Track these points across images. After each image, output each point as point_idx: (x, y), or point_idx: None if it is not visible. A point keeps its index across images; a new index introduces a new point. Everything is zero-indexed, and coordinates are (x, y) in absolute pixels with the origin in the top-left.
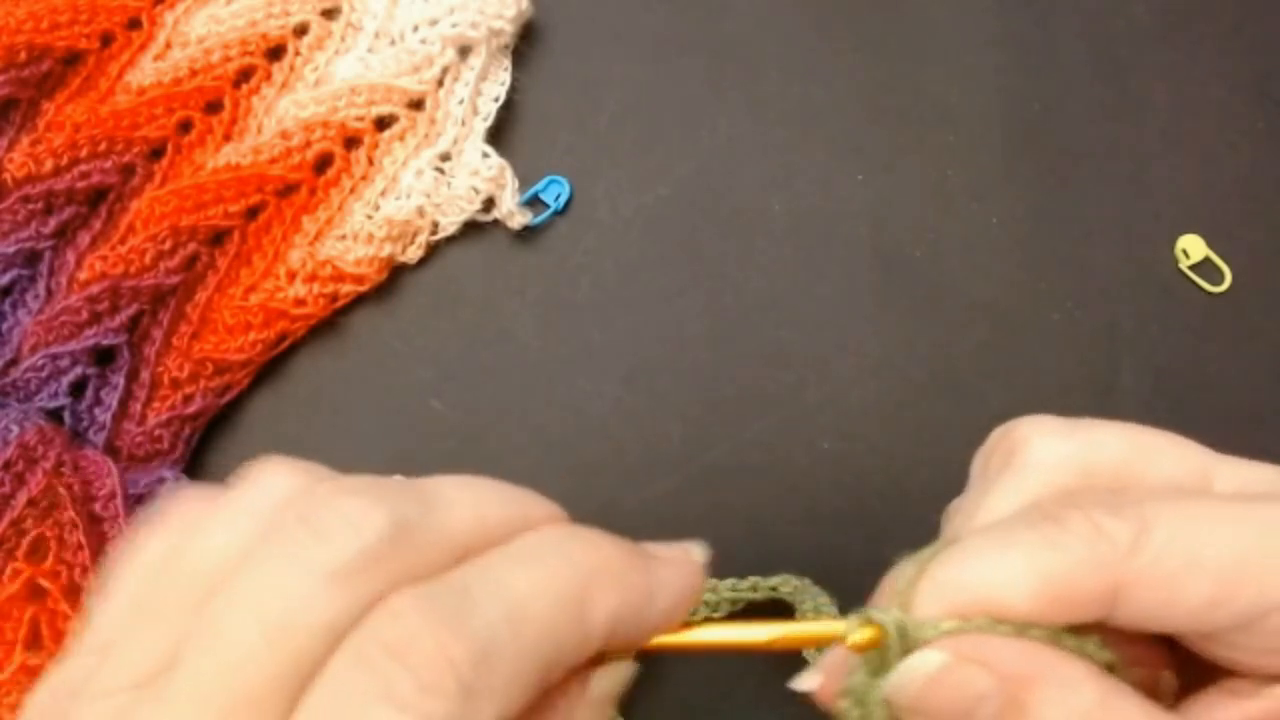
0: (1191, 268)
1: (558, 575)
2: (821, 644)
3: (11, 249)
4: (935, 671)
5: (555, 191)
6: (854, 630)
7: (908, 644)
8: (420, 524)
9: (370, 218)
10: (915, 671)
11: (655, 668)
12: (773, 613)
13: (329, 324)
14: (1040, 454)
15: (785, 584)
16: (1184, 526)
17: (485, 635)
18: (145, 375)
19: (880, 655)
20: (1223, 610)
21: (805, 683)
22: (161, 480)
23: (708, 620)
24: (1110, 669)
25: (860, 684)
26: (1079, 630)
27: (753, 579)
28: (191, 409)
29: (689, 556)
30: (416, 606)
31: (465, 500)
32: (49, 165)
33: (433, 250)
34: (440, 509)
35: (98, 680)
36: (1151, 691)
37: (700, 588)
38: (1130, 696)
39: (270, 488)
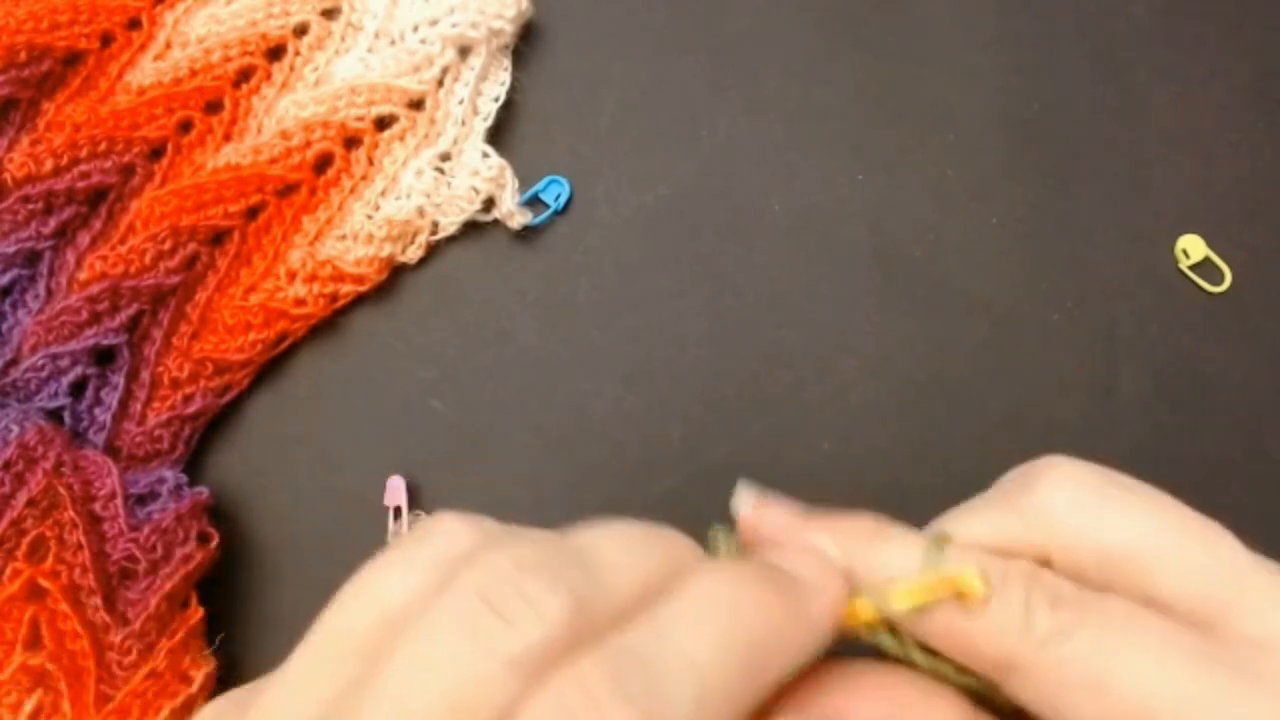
0: (1191, 268)
1: (739, 648)
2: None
3: (11, 249)
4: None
5: (555, 191)
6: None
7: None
8: (594, 598)
9: (370, 218)
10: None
11: None
12: None
13: (329, 324)
14: (1047, 507)
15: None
16: (1115, 647)
17: (674, 717)
18: (145, 375)
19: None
20: None
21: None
22: (161, 480)
23: None
24: (978, 695)
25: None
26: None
27: None
28: (191, 409)
29: (833, 576)
30: (605, 682)
31: (627, 561)
32: (49, 165)
33: (433, 250)
34: (608, 575)
35: (264, 710)
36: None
37: (844, 602)
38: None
39: (442, 542)
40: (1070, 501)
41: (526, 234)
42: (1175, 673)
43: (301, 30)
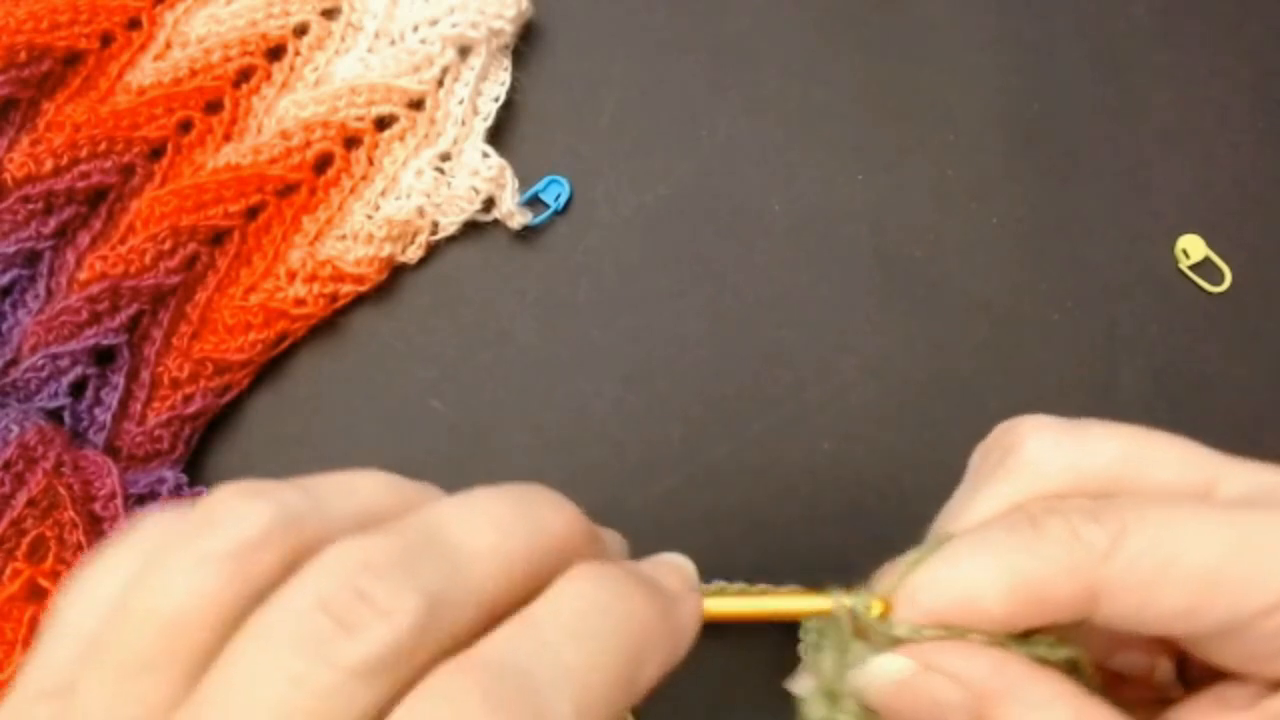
0: (1191, 268)
1: (615, 650)
2: (798, 618)
3: (11, 249)
4: (901, 677)
5: (555, 191)
6: (839, 603)
7: (878, 639)
8: (451, 595)
9: (370, 218)
10: (882, 673)
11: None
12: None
13: (329, 324)
14: (1034, 456)
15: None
16: (1162, 533)
17: None
18: (145, 375)
19: (846, 647)
20: (1199, 617)
21: (800, 686)
22: (162, 480)
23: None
24: (1073, 665)
25: (830, 675)
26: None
27: (741, 584)
28: (191, 409)
29: (692, 589)
30: (484, 697)
31: (488, 546)
32: (49, 165)
33: (433, 250)
34: (466, 567)
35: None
36: (1147, 679)
37: (701, 616)
38: (1107, 714)
39: (234, 523)
40: (1052, 442)
41: (526, 234)
42: (1219, 530)
43: (301, 30)
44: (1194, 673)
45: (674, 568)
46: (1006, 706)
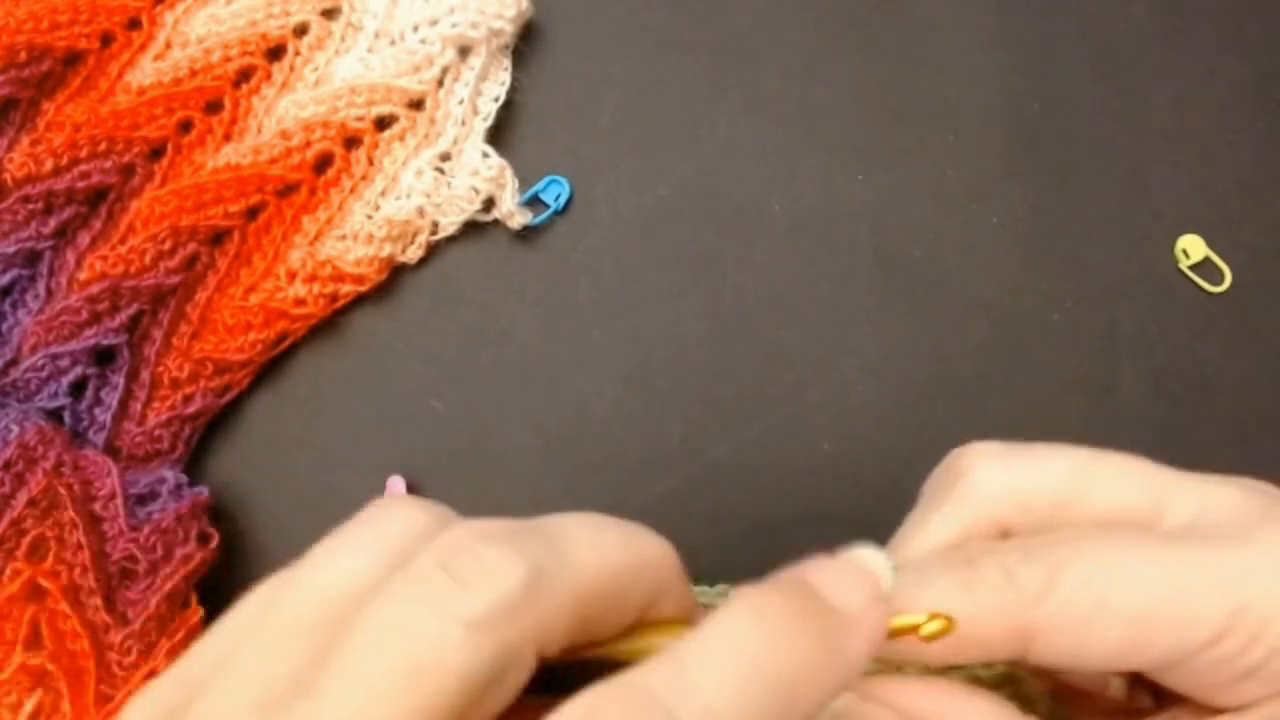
0: (1191, 268)
1: (765, 692)
2: None
3: (11, 249)
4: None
5: (555, 191)
6: None
7: None
8: (553, 571)
9: (370, 218)
10: None
11: None
12: None
13: (329, 324)
14: (980, 480)
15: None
16: (1095, 571)
17: None
18: (145, 375)
19: None
20: (1137, 655)
21: None
22: (161, 480)
23: None
24: (1010, 679)
25: None
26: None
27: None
28: (191, 409)
29: (876, 602)
30: (619, 718)
31: (589, 543)
32: (49, 165)
33: (433, 250)
34: (569, 554)
35: (217, 695)
36: (1099, 692)
37: (886, 628)
38: None
39: (394, 522)
40: (1001, 467)
41: (526, 234)
42: (1155, 565)
43: (301, 30)
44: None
45: (859, 575)
46: None
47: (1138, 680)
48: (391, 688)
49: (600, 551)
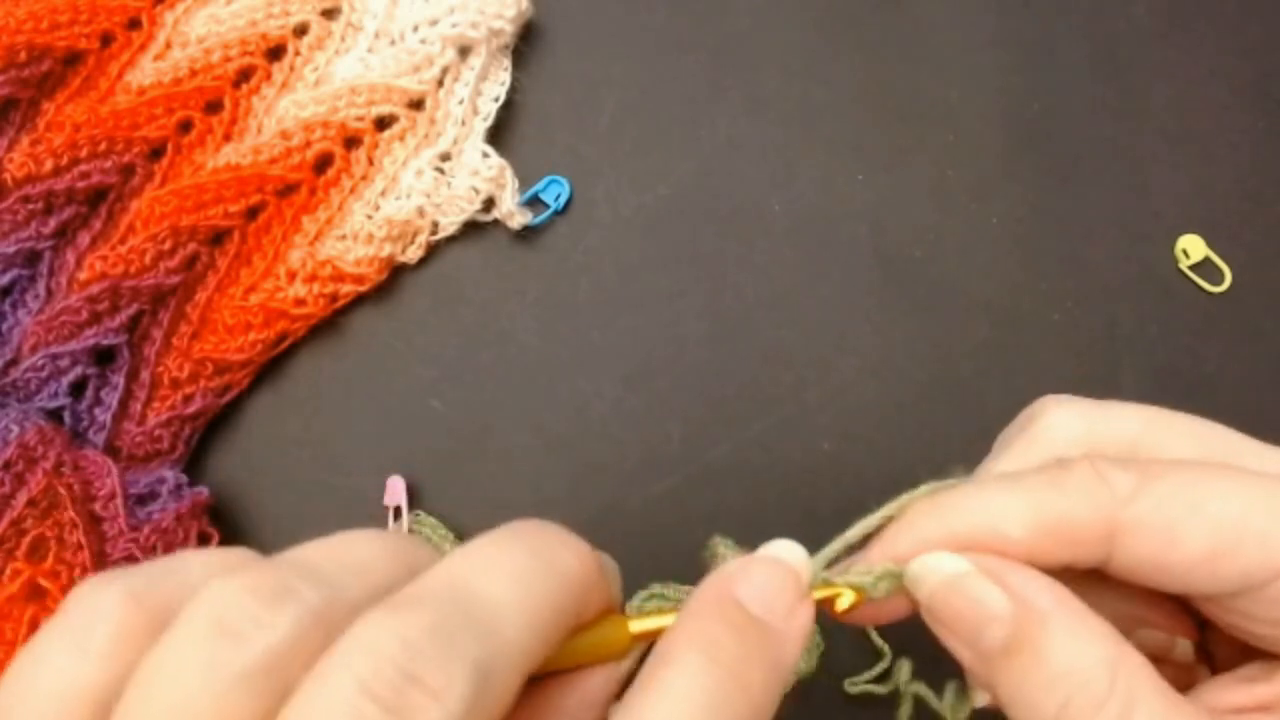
0: (1191, 268)
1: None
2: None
3: (11, 249)
4: (952, 576)
5: (555, 191)
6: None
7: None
8: (495, 661)
9: (370, 218)
10: (934, 570)
11: None
12: None
13: (329, 324)
14: (1053, 425)
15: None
16: (1188, 481)
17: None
18: (145, 375)
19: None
20: (1217, 569)
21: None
22: (161, 480)
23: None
24: None
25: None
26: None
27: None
28: (191, 409)
29: (799, 609)
30: (423, 634)
31: (514, 600)
32: (49, 165)
33: (433, 250)
34: (503, 631)
35: None
36: (1166, 657)
37: (809, 630)
38: (1143, 666)
39: (267, 634)
40: (1075, 414)
41: (526, 234)
42: (1247, 485)
43: (301, 30)
44: (1220, 655)
45: (784, 579)
46: (1048, 630)
47: (1199, 650)
48: None
49: (529, 608)
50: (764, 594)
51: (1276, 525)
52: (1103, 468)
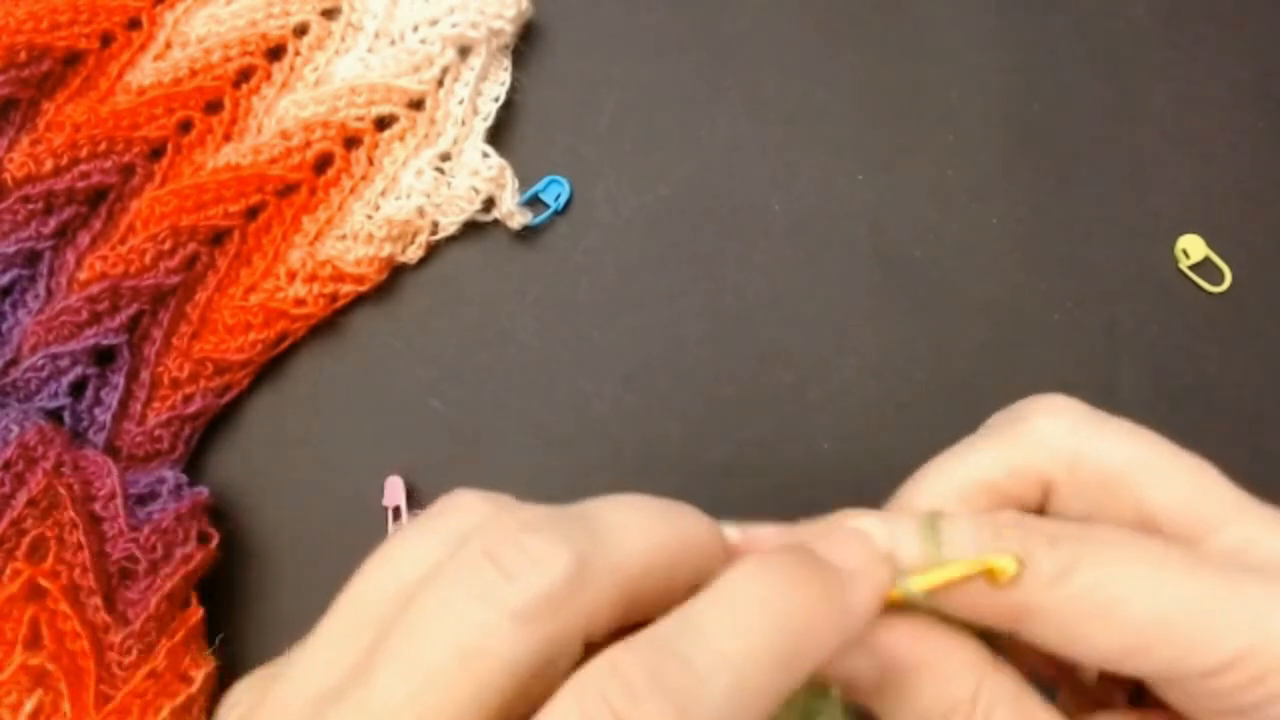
0: (1191, 268)
1: (772, 638)
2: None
3: (11, 249)
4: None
5: (555, 191)
6: None
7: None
8: (598, 559)
9: (370, 218)
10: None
11: None
12: None
13: (329, 324)
14: (1038, 431)
15: None
16: (1114, 573)
17: (710, 710)
18: (145, 375)
19: None
20: (1130, 664)
21: None
22: (161, 480)
23: None
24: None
25: None
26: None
27: None
28: (191, 409)
29: (876, 561)
30: (644, 673)
31: (635, 529)
32: (49, 165)
33: (433, 250)
34: (614, 541)
35: (284, 684)
36: (1068, 674)
37: (888, 585)
38: (1008, 684)
39: (459, 513)
40: (1067, 426)
41: (526, 234)
42: (1175, 583)
43: (301, 30)
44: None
45: (858, 538)
46: (919, 674)
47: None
48: (440, 676)
49: (646, 537)
50: (838, 547)
51: (1202, 630)
52: (1032, 546)
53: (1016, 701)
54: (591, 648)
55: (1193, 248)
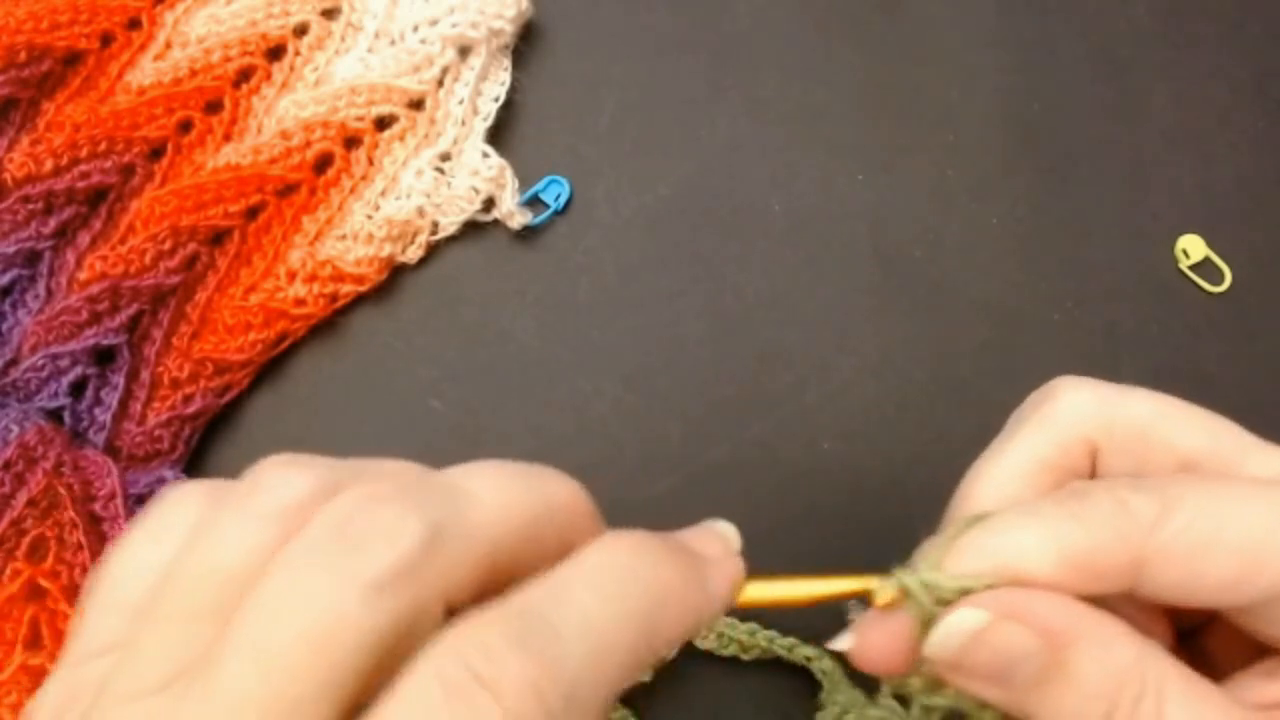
0: (1191, 268)
1: (633, 605)
2: (844, 598)
3: (11, 249)
4: (976, 629)
5: (555, 191)
6: (882, 589)
7: (935, 607)
8: (453, 526)
9: (370, 218)
10: (956, 629)
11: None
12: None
13: (329, 324)
14: (1068, 406)
15: (819, 659)
16: (1208, 505)
17: (573, 670)
18: (145, 375)
19: (925, 616)
20: (1245, 587)
21: (840, 644)
22: (162, 480)
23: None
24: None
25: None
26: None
27: (791, 640)
28: (191, 409)
29: (731, 554)
30: (504, 635)
31: (490, 493)
32: (49, 165)
33: (433, 250)
34: (468, 507)
35: (120, 682)
36: None
37: (741, 580)
38: (1165, 655)
39: (281, 488)
40: (1092, 395)
41: (526, 234)
42: (1260, 500)
43: (301, 30)
44: (1221, 652)
45: (716, 534)
46: (1075, 652)
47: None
48: (291, 657)
49: (503, 501)
50: (698, 538)
51: None
52: (1123, 495)
53: (1178, 666)
54: (458, 615)
55: (1193, 248)
